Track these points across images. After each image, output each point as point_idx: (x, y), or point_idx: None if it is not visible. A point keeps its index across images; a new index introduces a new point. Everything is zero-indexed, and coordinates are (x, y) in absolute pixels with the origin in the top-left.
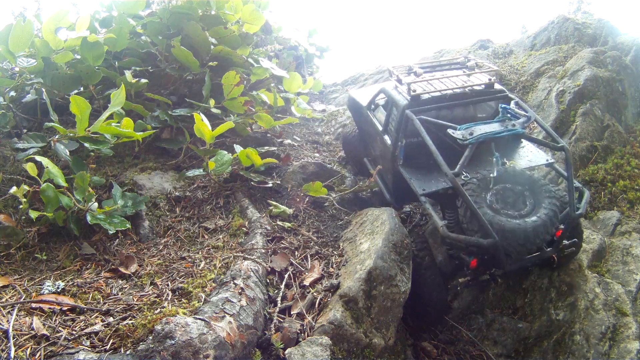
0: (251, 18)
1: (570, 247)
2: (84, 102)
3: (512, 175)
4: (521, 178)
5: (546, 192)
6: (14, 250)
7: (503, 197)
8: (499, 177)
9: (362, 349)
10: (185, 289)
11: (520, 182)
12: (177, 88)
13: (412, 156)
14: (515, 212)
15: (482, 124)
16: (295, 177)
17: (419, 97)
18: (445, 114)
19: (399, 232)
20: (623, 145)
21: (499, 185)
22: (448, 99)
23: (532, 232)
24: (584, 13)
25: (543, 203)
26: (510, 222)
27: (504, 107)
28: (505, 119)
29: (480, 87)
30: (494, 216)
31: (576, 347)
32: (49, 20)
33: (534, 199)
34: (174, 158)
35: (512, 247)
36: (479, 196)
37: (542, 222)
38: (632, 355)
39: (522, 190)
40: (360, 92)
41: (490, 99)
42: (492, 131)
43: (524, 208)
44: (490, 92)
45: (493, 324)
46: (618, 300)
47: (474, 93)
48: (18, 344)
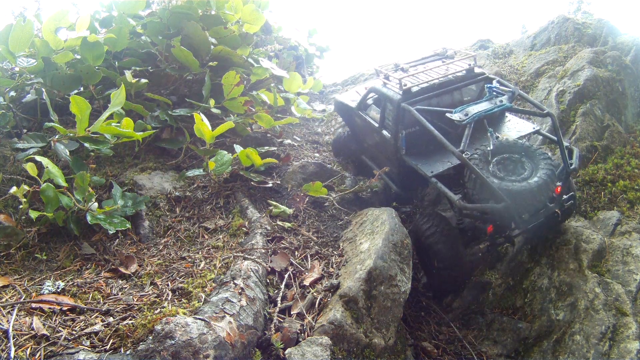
0: (251, 18)
1: (569, 201)
2: (84, 102)
3: (508, 145)
4: (516, 147)
5: (541, 156)
6: (14, 250)
7: (504, 166)
8: (496, 149)
9: (362, 349)
10: (185, 289)
11: (516, 150)
12: (177, 88)
13: (412, 145)
14: (517, 177)
15: (473, 104)
16: (295, 177)
17: (410, 90)
18: (435, 102)
19: (399, 232)
20: (623, 145)
21: (498, 156)
22: (436, 88)
23: (537, 190)
24: (584, 13)
25: (540, 165)
26: (516, 185)
27: (489, 86)
28: (492, 97)
29: (462, 73)
30: (500, 183)
31: (576, 347)
32: (49, 20)
33: (531, 163)
34: (174, 158)
35: (523, 207)
36: (483, 169)
37: (544, 181)
38: (632, 355)
39: (519, 157)
40: (346, 96)
41: (473, 82)
42: (485, 109)
43: (524, 172)
44: (472, 75)
45: (493, 324)
46: (618, 300)
47: (458, 79)
48: (18, 344)
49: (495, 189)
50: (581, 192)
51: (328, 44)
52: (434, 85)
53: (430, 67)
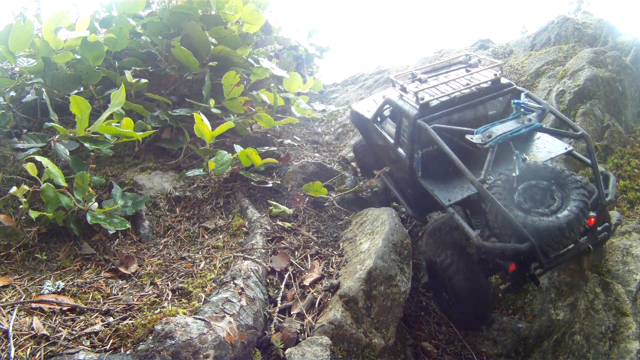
0: (251, 18)
1: (602, 232)
2: (84, 102)
3: (536, 170)
4: (545, 172)
5: (573, 183)
6: (14, 250)
7: (530, 194)
8: (522, 175)
9: (362, 349)
10: (185, 289)
11: (545, 176)
12: (177, 88)
13: (430, 165)
14: (545, 209)
15: (498, 124)
16: (295, 177)
17: (428, 104)
18: (456, 118)
19: (399, 232)
20: (623, 145)
21: (525, 183)
22: (458, 102)
23: (566, 227)
24: (584, 13)
25: (572, 195)
26: (544, 221)
27: (517, 102)
28: (519, 114)
29: (487, 84)
30: (525, 217)
31: (576, 347)
32: (49, 20)
33: (561, 192)
34: (174, 158)
35: (550, 246)
36: (507, 198)
37: (575, 215)
38: (632, 355)
39: (548, 184)
40: (363, 105)
41: (499, 95)
42: (511, 130)
43: (554, 203)
44: (498, 87)
45: (493, 324)
46: (618, 300)
47: (482, 91)
48: (18, 344)
49: (518, 225)
50: None
51: (328, 44)
52: (455, 99)
53: (452, 78)
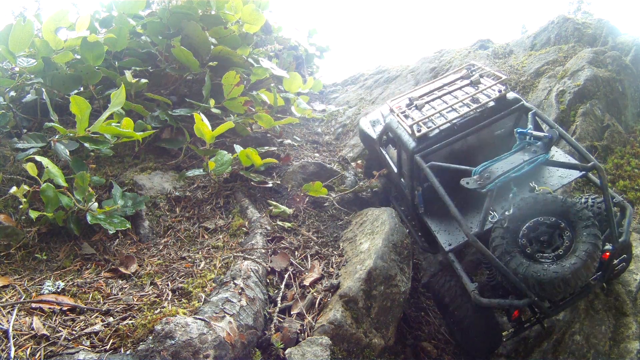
0: (251, 18)
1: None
2: (84, 102)
3: (544, 204)
4: (554, 206)
5: (584, 221)
6: (14, 250)
7: (537, 234)
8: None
9: (362, 349)
10: (185, 289)
11: (554, 211)
12: (177, 88)
13: (432, 201)
14: (551, 253)
15: (499, 160)
16: (295, 177)
17: (426, 136)
18: (458, 146)
19: (399, 232)
20: (623, 145)
21: (532, 221)
22: (459, 129)
23: (572, 278)
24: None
25: (581, 236)
26: (547, 272)
27: (520, 131)
28: (524, 145)
29: (492, 103)
30: (528, 267)
31: (576, 347)
32: (49, 20)
33: (570, 230)
34: (174, 158)
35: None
36: (510, 242)
37: (582, 263)
38: (632, 355)
39: (556, 221)
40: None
41: (505, 115)
42: (512, 168)
43: (562, 245)
44: (504, 105)
45: None
46: (618, 300)
47: (487, 112)
48: (18, 344)
49: (517, 281)
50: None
51: (328, 44)
52: (456, 127)
53: (452, 100)
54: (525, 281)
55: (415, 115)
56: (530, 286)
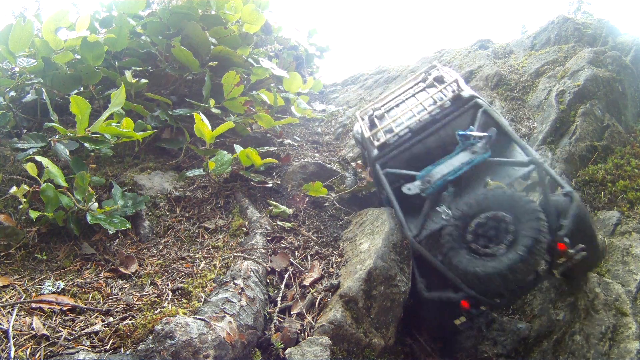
0: (251, 18)
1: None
2: (84, 102)
3: (494, 199)
4: (503, 199)
5: (527, 214)
6: (14, 250)
7: (484, 230)
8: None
9: (362, 349)
10: (185, 289)
11: (503, 205)
12: (177, 88)
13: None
14: (496, 248)
15: (442, 163)
16: (295, 177)
17: (385, 143)
18: (418, 149)
19: (399, 232)
20: (623, 145)
21: (482, 216)
22: (416, 134)
23: (509, 272)
24: (584, 13)
25: (524, 229)
26: (486, 267)
27: (460, 134)
28: (466, 146)
29: (448, 103)
30: (469, 262)
31: (576, 347)
32: (49, 20)
33: (516, 224)
34: (174, 158)
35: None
36: (456, 239)
37: (520, 258)
38: (632, 355)
39: (503, 216)
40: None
41: (459, 115)
42: (449, 171)
43: (507, 239)
44: (460, 103)
45: (493, 324)
46: (618, 300)
47: (442, 113)
48: (18, 344)
49: (452, 276)
50: (581, 192)
51: (328, 44)
52: (412, 131)
53: (410, 106)
54: (464, 276)
55: (377, 124)
56: (470, 281)
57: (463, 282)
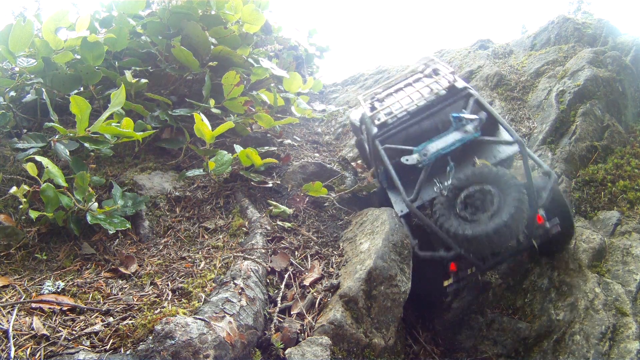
0: (251, 18)
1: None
2: (84, 102)
3: (480, 175)
4: (489, 175)
5: (510, 187)
6: (14, 250)
7: (472, 201)
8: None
9: (362, 349)
10: (185, 289)
11: (488, 180)
12: (177, 88)
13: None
14: (483, 216)
15: (436, 140)
16: (295, 177)
17: (385, 123)
18: (413, 130)
19: (399, 232)
20: (623, 145)
21: (470, 189)
22: (414, 116)
23: (494, 234)
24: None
25: (508, 199)
26: (474, 229)
27: (455, 115)
28: (459, 126)
29: (444, 92)
30: (458, 226)
31: (576, 347)
32: (49, 20)
33: (501, 196)
34: (174, 158)
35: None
36: (448, 208)
37: (504, 223)
38: (632, 355)
39: (488, 189)
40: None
41: (452, 102)
42: (443, 146)
43: (491, 209)
44: (454, 92)
45: (493, 324)
46: (618, 300)
47: (439, 99)
48: (18, 344)
49: (443, 235)
50: (581, 192)
51: (328, 44)
52: (410, 113)
53: (409, 92)
54: (454, 238)
55: (378, 107)
56: (459, 242)
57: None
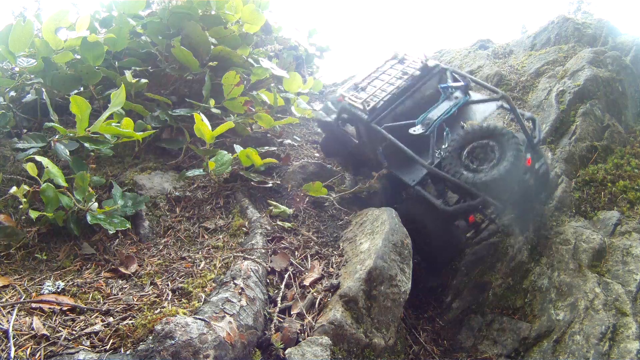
0: (251, 18)
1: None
2: (84, 102)
3: (474, 133)
4: (482, 132)
5: (505, 136)
6: (14, 250)
7: (475, 154)
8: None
9: (362, 349)
10: (185, 289)
11: (483, 135)
12: (177, 88)
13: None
14: (488, 165)
15: (433, 109)
16: (295, 177)
17: (375, 108)
18: (400, 109)
19: (399, 232)
20: (623, 145)
21: (469, 146)
22: (398, 97)
23: (506, 175)
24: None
25: (506, 147)
26: (488, 175)
27: (442, 86)
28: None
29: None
30: (474, 177)
31: (576, 347)
32: (49, 20)
33: (499, 146)
34: (174, 158)
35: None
36: (457, 165)
37: (511, 163)
38: (632, 355)
39: (487, 142)
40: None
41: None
42: (443, 112)
43: (494, 157)
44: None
45: (493, 324)
46: (618, 300)
47: (416, 79)
48: (18, 344)
49: (468, 188)
50: (581, 192)
51: (328, 44)
52: (395, 95)
53: (387, 78)
54: (474, 186)
55: (362, 95)
56: (479, 189)
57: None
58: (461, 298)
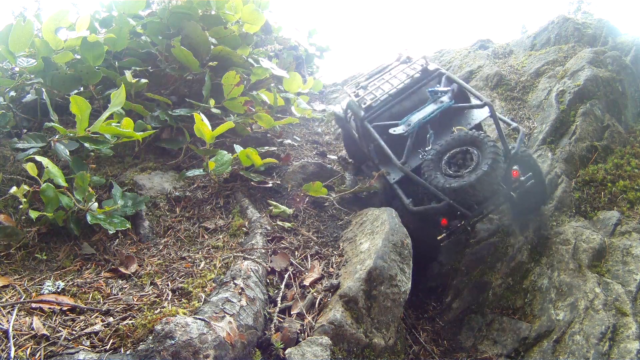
0: (251, 18)
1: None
2: (84, 102)
3: (458, 138)
4: (465, 138)
5: (485, 144)
6: (14, 250)
7: (455, 160)
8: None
9: (362, 349)
10: (185, 289)
11: (466, 142)
12: (177, 88)
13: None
14: (465, 171)
15: (417, 112)
16: (295, 177)
17: (371, 106)
18: (396, 109)
19: (399, 232)
20: (623, 145)
21: (452, 152)
22: (395, 97)
23: (476, 183)
24: (584, 13)
25: (485, 155)
26: (458, 181)
27: (430, 90)
28: (435, 99)
29: (418, 74)
30: (445, 182)
31: (576, 347)
32: (49, 20)
33: (480, 154)
34: (174, 158)
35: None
36: (434, 169)
37: (483, 172)
38: (632, 355)
39: (467, 149)
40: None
41: (426, 82)
42: (425, 115)
43: (472, 165)
44: (427, 74)
45: (493, 324)
46: (618, 300)
47: (415, 81)
48: (18, 344)
49: (434, 190)
50: (581, 192)
51: (328, 44)
52: (391, 95)
53: (388, 78)
54: (443, 191)
55: (363, 93)
56: (448, 194)
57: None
58: (461, 298)
